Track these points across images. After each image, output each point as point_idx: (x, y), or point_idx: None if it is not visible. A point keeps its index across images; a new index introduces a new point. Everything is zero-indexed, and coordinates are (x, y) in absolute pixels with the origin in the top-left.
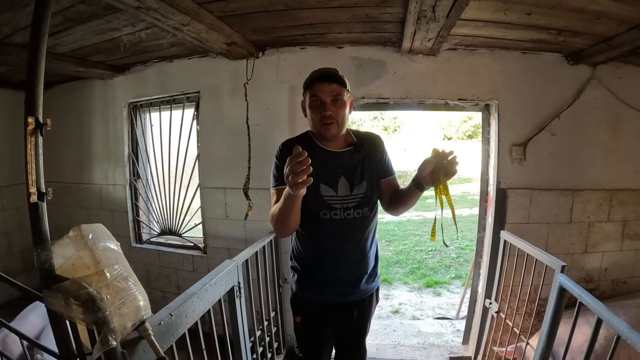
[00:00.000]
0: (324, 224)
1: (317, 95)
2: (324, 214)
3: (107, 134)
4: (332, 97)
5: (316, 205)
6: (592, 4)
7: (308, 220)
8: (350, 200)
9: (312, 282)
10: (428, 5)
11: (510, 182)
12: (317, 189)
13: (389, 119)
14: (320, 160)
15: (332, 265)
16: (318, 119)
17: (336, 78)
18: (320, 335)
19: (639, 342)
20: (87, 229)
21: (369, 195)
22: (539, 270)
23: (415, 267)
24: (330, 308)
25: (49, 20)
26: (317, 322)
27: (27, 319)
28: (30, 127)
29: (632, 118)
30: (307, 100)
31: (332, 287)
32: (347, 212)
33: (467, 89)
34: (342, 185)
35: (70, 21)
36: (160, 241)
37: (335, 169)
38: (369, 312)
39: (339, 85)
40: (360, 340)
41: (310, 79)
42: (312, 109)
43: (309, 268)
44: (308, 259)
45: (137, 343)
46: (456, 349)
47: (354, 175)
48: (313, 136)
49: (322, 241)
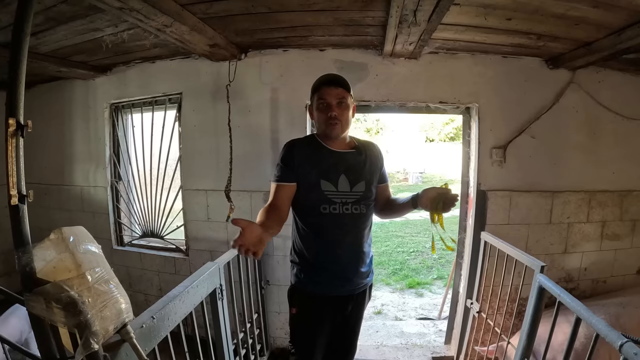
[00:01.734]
0: (324, 218)
1: (324, 97)
2: (324, 208)
3: (88, 135)
4: (338, 100)
5: (316, 200)
6: (571, 10)
7: (309, 214)
8: (350, 196)
9: (311, 274)
10: (409, 9)
11: (491, 184)
12: (317, 184)
13: (372, 121)
14: (323, 158)
15: (330, 259)
16: (324, 119)
17: (342, 83)
18: (315, 327)
19: (616, 340)
20: (68, 232)
21: (367, 195)
22: (519, 271)
23: (397, 268)
24: (327, 299)
25: (31, 20)
26: (314, 313)
27: (8, 322)
28: (11, 128)
29: (611, 121)
30: (314, 103)
31: (329, 280)
32: (345, 207)
33: (448, 92)
34: (342, 182)
35: (52, 21)
36: (142, 243)
37: (337, 167)
38: (362, 307)
39: (344, 90)
40: (353, 337)
41: (318, 83)
42: (319, 110)
43: (307, 261)
44: (307, 251)
45: (119, 346)
46: (438, 349)
47: (355, 174)
48: (318, 137)
49: (321, 234)
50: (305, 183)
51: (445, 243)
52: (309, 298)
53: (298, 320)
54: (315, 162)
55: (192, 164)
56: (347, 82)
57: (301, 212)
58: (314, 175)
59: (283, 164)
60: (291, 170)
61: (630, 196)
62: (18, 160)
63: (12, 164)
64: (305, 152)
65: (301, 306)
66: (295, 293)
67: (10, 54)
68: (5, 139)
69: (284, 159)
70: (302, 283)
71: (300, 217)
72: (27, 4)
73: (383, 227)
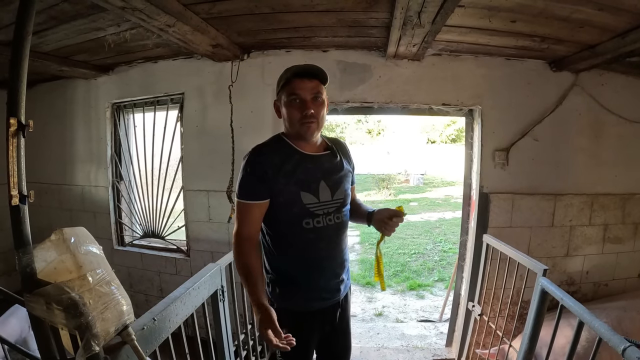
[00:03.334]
0: (308, 234)
1: (297, 93)
2: (307, 223)
3: (89, 135)
4: (313, 94)
5: (298, 215)
6: (576, 13)
7: (289, 231)
8: (331, 205)
9: (295, 293)
10: (414, 11)
11: (493, 186)
12: (297, 197)
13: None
14: (299, 165)
15: (316, 273)
16: (298, 118)
17: (317, 74)
18: (308, 344)
19: (619, 344)
20: (69, 233)
21: (347, 199)
22: (521, 274)
23: (398, 270)
24: (315, 315)
25: (33, 19)
26: (303, 332)
27: (8, 323)
28: (13, 128)
29: (614, 124)
30: (283, 98)
31: (316, 293)
32: (328, 218)
33: (451, 94)
34: (322, 191)
35: (54, 20)
36: (142, 244)
37: (315, 174)
38: (348, 308)
39: (319, 83)
40: (346, 338)
41: (289, 76)
42: (291, 107)
43: (291, 279)
44: (290, 269)
45: (120, 348)
46: (439, 351)
47: (333, 180)
48: (288, 139)
49: (305, 250)
50: (281, 197)
51: (379, 269)
52: (297, 318)
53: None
54: (290, 170)
55: (194, 164)
56: (324, 72)
57: (277, 230)
58: (292, 186)
59: (255, 176)
60: (264, 184)
61: (633, 199)
62: (19, 160)
63: (13, 164)
64: (277, 160)
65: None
66: (281, 316)
67: (12, 52)
68: (6, 139)
69: (255, 170)
70: (288, 302)
71: (276, 235)
72: (29, 2)
73: None
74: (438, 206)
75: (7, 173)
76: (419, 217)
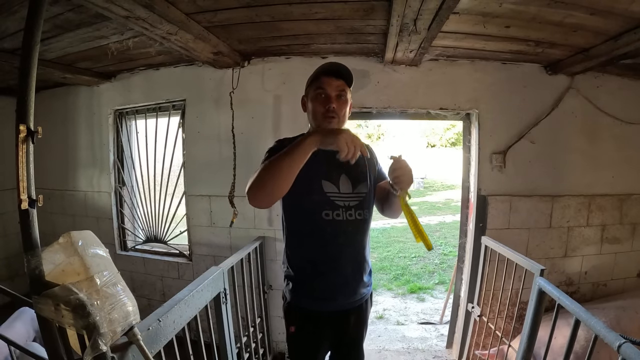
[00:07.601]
0: (326, 226)
1: (324, 88)
2: (326, 215)
3: (92, 141)
4: (338, 92)
5: (318, 203)
6: (568, 17)
7: (308, 221)
8: (353, 198)
9: (309, 290)
10: (410, 18)
11: (491, 189)
12: (319, 185)
13: (373, 127)
14: (322, 157)
15: (332, 271)
16: (321, 112)
17: (344, 75)
18: (317, 346)
19: (615, 340)
20: (77, 236)
21: (369, 197)
22: (519, 275)
23: (399, 273)
24: (328, 317)
25: (41, 28)
26: (314, 333)
27: (13, 326)
28: (22, 134)
29: (609, 125)
30: (311, 93)
31: (330, 294)
32: (349, 213)
33: (448, 99)
34: (343, 183)
35: (59, 28)
36: (145, 248)
37: (337, 167)
38: (365, 317)
39: (345, 83)
40: (358, 346)
41: (319, 71)
42: (316, 101)
43: (306, 275)
44: (306, 265)
45: (126, 348)
46: (440, 353)
47: (356, 174)
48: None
49: (322, 244)
50: (303, 183)
51: (417, 227)
52: (309, 316)
53: (298, 340)
54: (312, 159)
55: (196, 169)
56: (350, 73)
57: (297, 219)
58: (313, 173)
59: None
60: None
61: (630, 200)
62: (28, 165)
63: (23, 169)
64: None
65: (301, 325)
66: (292, 310)
67: (21, 61)
68: (16, 145)
69: (277, 148)
70: (301, 300)
71: (295, 226)
72: (37, 12)
73: (385, 232)
74: (438, 210)
75: (17, 178)
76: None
